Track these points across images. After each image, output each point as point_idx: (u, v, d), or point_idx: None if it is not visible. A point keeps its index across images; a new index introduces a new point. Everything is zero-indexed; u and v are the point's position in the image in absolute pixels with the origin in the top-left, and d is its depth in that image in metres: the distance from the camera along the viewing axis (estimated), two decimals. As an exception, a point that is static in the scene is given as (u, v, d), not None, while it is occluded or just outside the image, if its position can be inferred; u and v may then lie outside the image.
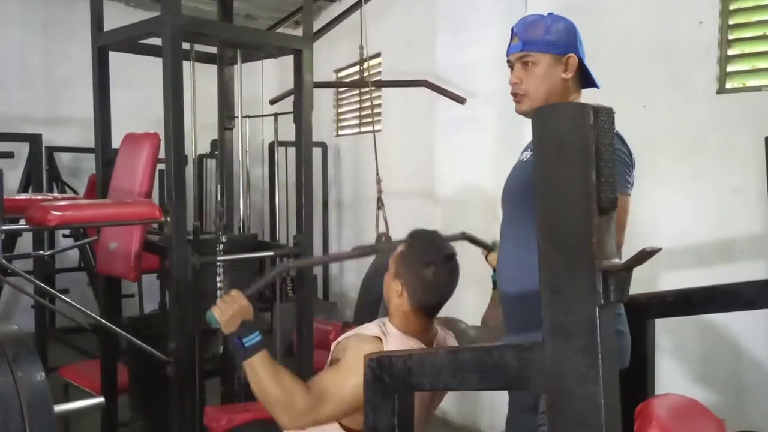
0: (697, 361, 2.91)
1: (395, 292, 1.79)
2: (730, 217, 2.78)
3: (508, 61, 1.80)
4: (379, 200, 2.46)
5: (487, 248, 2.41)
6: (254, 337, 1.69)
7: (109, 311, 2.77)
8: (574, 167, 0.97)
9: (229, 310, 1.71)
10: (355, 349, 1.68)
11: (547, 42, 1.71)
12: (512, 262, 1.79)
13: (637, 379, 1.83)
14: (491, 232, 3.43)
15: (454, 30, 3.62)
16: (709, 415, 1.58)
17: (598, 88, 1.79)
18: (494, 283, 2.29)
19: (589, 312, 0.98)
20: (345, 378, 1.65)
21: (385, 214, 2.44)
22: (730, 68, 2.83)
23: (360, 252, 2.58)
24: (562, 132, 0.98)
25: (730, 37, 2.83)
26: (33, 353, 1.27)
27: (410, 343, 1.76)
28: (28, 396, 1.22)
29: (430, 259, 1.75)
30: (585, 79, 1.80)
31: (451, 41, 3.64)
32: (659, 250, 0.99)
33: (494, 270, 2.29)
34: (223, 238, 2.57)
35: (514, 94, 1.78)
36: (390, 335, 1.76)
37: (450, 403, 3.69)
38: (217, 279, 2.51)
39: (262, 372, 1.66)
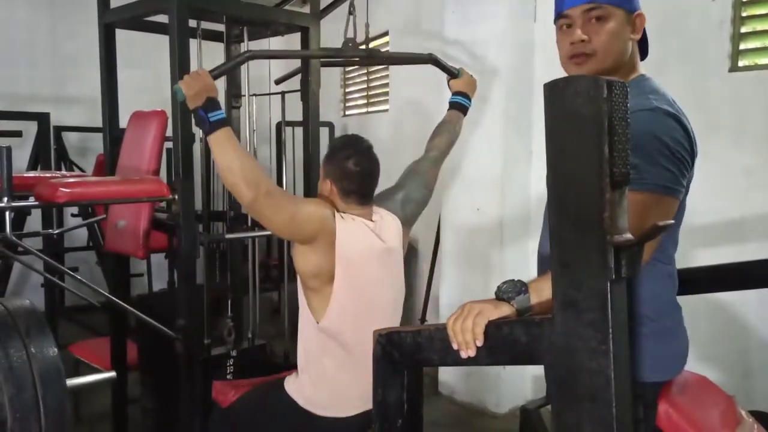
0: (704, 341, 2.91)
1: (327, 191, 1.98)
2: (740, 197, 2.76)
3: (563, 16, 1.47)
4: None
5: (453, 74, 2.49)
6: (219, 114, 1.80)
7: (118, 289, 2.79)
8: (587, 141, 0.96)
9: (195, 85, 1.80)
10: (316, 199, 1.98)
11: None
12: None
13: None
14: (500, 211, 3.44)
15: (462, 6, 3.58)
16: (719, 391, 1.58)
17: (646, 58, 1.56)
18: (451, 104, 2.51)
19: (600, 287, 0.97)
20: (303, 201, 1.98)
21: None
22: (742, 46, 2.80)
23: (325, 53, 2.65)
24: (575, 105, 0.97)
25: (743, 14, 2.79)
26: (45, 328, 1.29)
27: (356, 220, 1.93)
28: (41, 370, 1.23)
29: (349, 152, 1.95)
30: (641, 48, 1.53)
31: (460, 18, 3.61)
32: (671, 224, 0.98)
33: (453, 94, 2.50)
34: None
35: (574, 56, 1.46)
36: (340, 213, 1.94)
37: (457, 382, 3.71)
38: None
39: (227, 144, 1.78)
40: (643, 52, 1.55)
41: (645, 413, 1.41)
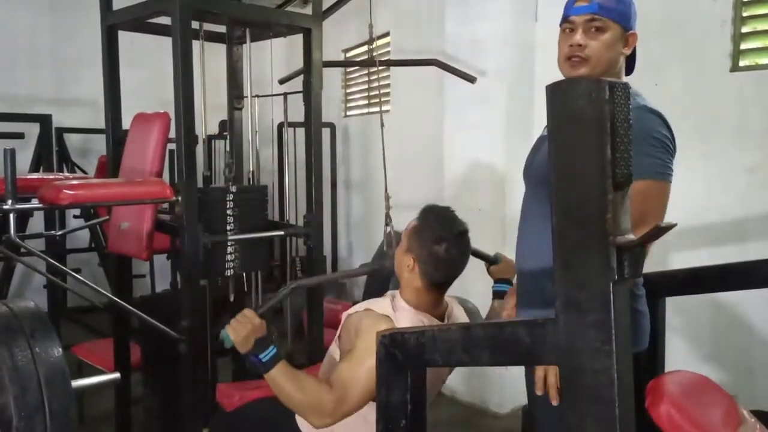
0: (707, 340, 2.92)
1: (407, 267, 1.81)
2: (742, 196, 2.77)
3: (568, 21, 1.66)
4: (387, 216, 2.44)
5: (490, 261, 2.30)
6: (270, 351, 1.72)
7: (121, 290, 2.79)
8: (589, 142, 0.97)
9: (243, 330, 1.74)
10: (368, 331, 1.69)
11: (620, 11, 1.63)
12: (536, 235, 1.72)
13: (648, 357, 1.83)
14: (502, 211, 3.44)
15: (463, 5, 3.59)
16: (720, 391, 1.58)
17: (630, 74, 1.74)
18: (495, 294, 2.24)
19: (603, 287, 0.98)
20: (362, 365, 1.67)
21: (392, 229, 2.42)
22: (743, 46, 2.80)
23: (367, 270, 2.62)
24: (577, 106, 0.97)
25: (744, 14, 2.79)
26: (50, 329, 1.29)
27: (421, 318, 1.78)
28: (46, 371, 1.23)
29: (443, 235, 1.78)
30: (628, 65, 1.75)
31: (461, 17, 3.61)
32: (674, 225, 0.98)
33: (495, 281, 2.26)
34: (233, 188, 2.55)
35: (570, 58, 1.65)
36: (400, 310, 1.78)
37: (459, 382, 3.71)
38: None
39: (283, 382, 1.70)
40: (630, 68, 1.75)
41: None
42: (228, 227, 2.49)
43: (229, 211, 2.50)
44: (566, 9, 1.67)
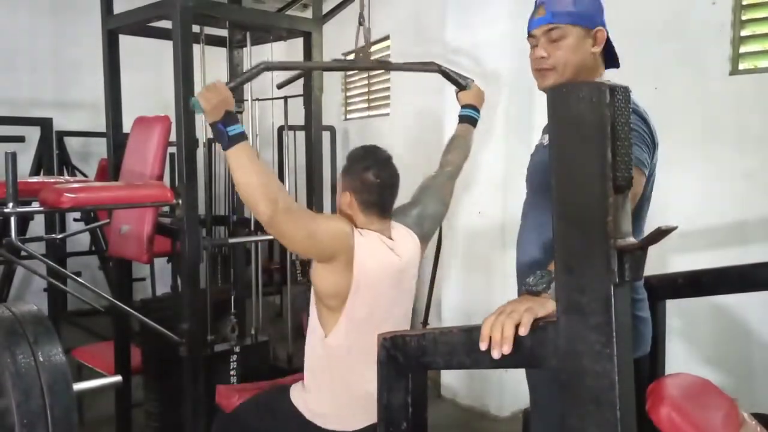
0: (707, 343, 2.92)
1: (346, 204, 1.94)
2: (741, 200, 2.77)
3: (531, 36, 1.70)
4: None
5: (460, 86, 2.42)
6: (237, 128, 1.78)
7: (121, 293, 2.80)
8: (590, 146, 0.97)
9: (213, 98, 1.77)
10: (335, 216, 1.96)
11: (576, 13, 1.62)
12: (534, 228, 1.78)
13: (648, 360, 1.83)
14: (502, 214, 3.44)
15: (463, 9, 3.59)
16: (721, 394, 1.59)
17: (617, 67, 1.72)
18: (460, 118, 2.43)
19: (604, 290, 0.98)
20: (322, 217, 1.96)
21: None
22: (743, 49, 2.81)
23: (339, 64, 2.66)
24: (578, 110, 0.98)
25: (743, 17, 2.80)
26: (52, 333, 1.29)
27: (377, 234, 1.90)
28: (48, 375, 1.23)
29: (369, 164, 1.93)
30: (607, 58, 1.71)
31: (460, 21, 3.62)
32: (674, 228, 0.99)
33: (462, 107, 2.43)
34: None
35: (538, 70, 1.69)
36: (359, 229, 1.90)
37: (459, 385, 3.71)
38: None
39: (246, 158, 1.75)
40: (612, 62, 1.72)
41: None
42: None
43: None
44: (528, 25, 1.72)
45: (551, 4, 1.64)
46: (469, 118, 2.43)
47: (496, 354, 1.12)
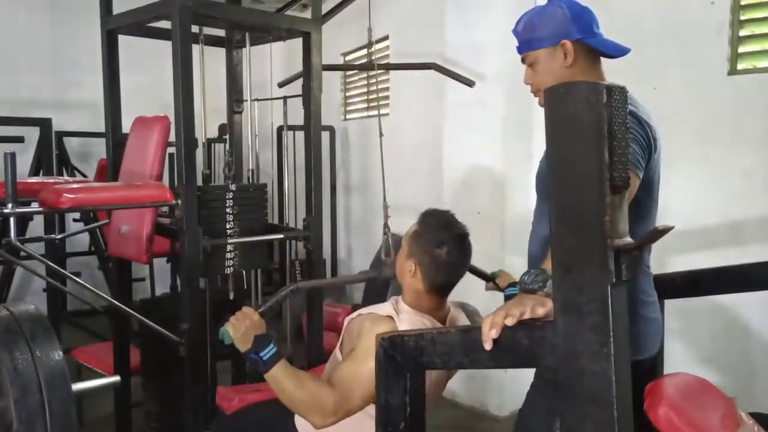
0: (706, 343, 2.92)
1: (408, 272, 1.81)
2: (740, 199, 2.77)
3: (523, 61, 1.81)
4: (386, 225, 2.45)
5: (487, 279, 2.27)
6: (270, 349, 1.72)
7: (121, 294, 2.80)
8: (587, 146, 0.98)
9: (242, 326, 1.75)
10: (369, 332, 1.70)
11: (537, 38, 1.69)
12: (541, 225, 1.82)
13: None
14: (501, 214, 3.44)
15: (462, 10, 3.60)
16: (719, 394, 1.59)
17: (612, 56, 1.71)
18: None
19: (602, 290, 0.98)
20: (363, 365, 1.67)
21: (390, 237, 2.43)
22: (741, 49, 2.81)
23: (366, 276, 2.67)
24: (575, 111, 0.98)
25: (742, 17, 2.80)
26: (50, 332, 1.29)
27: (423, 320, 1.79)
28: (47, 374, 1.24)
29: (443, 239, 1.79)
30: (601, 51, 1.72)
31: (460, 22, 3.63)
32: (671, 228, 0.99)
33: (506, 288, 2.15)
34: (233, 187, 2.55)
35: (533, 92, 1.80)
36: (403, 312, 1.79)
37: (459, 385, 3.71)
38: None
39: (285, 381, 1.70)
40: (607, 50, 1.70)
41: None
42: (228, 225, 2.50)
43: (228, 210, 2.51)
44: None
45: (518, 34, 1.75)
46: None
47: (487, 345, 1.15)
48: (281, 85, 4.01)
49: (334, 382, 1.72)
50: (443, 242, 1.79)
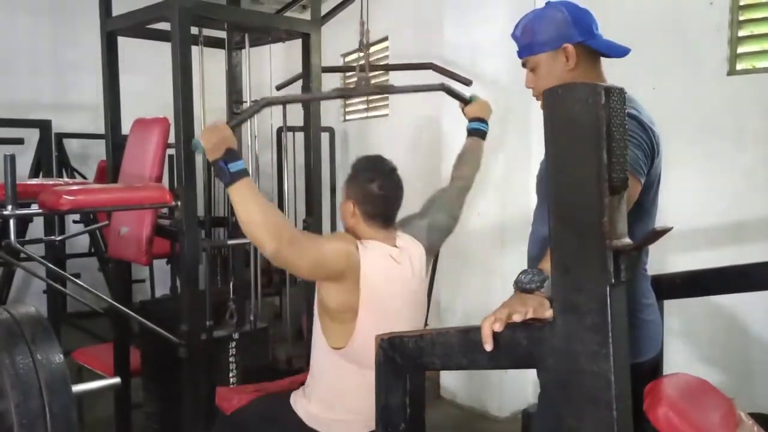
0: (706, 343, 2.92)
1: (349, 213, 1.95)
2: (740, 199, 2.78)
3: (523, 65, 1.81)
4: None
5: (464, 101, 2.46)
6: (239, 164, 1.77)
7: (121, 295, 2.80)
8: (586, 147, 0.98)
9: (214, 137, 1.77)
10: (337, 233, 2.00)
11: (537, 42, 1.69)
12: (541, 225, 1.81)
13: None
14: (501, 215, 3.45)
15: (461, 10, 3.60)
16: (719, 394, 1.59)
17: (609, 56, 1.71)
18: (469, 131, 2.48)
19: (600, 291, 0.99)
20: (327, 240, 1.95)
21: None
22: (740, 49, 2.81)
23: (340, 93, 2.68)
24: (573, 112, 0.98)
25: (741, 18, 2.80)
26: (51, 334, 1.29)
27: (380, 245, 1.91)
28: (47, 376, 1.24)
29: (373, 176, 1.94)
30: (602, 52, 1.72)
31: (458, 22, 3.63)
32: (670, 229, 0.99)
33: (469, 120, 2.47)
34: None
35: (535, 96, 1.78)
36: (364, 241, 1.91)
37: (459, 386, 3.72)
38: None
39: (249, 196, 1.75)
40: (608, 50, 1.70)
41: None
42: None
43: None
44: None
45: (518, 38, 1.75)
46: (477, 131, 2.45)
47: (488, 346, 1.16)
48: (280, 87, 4.01)
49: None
50: (373, 178, 1.93)
